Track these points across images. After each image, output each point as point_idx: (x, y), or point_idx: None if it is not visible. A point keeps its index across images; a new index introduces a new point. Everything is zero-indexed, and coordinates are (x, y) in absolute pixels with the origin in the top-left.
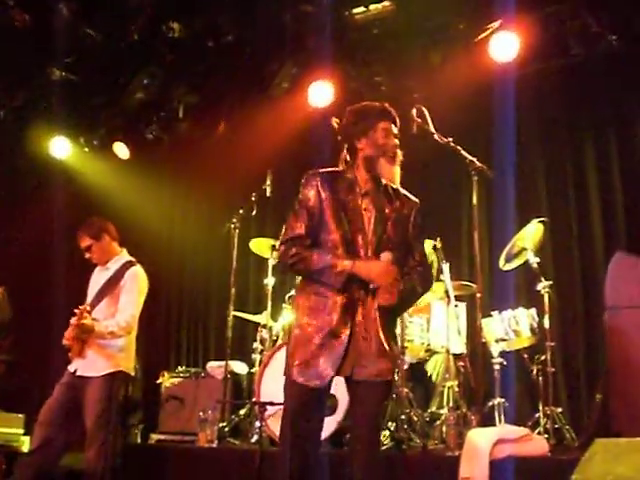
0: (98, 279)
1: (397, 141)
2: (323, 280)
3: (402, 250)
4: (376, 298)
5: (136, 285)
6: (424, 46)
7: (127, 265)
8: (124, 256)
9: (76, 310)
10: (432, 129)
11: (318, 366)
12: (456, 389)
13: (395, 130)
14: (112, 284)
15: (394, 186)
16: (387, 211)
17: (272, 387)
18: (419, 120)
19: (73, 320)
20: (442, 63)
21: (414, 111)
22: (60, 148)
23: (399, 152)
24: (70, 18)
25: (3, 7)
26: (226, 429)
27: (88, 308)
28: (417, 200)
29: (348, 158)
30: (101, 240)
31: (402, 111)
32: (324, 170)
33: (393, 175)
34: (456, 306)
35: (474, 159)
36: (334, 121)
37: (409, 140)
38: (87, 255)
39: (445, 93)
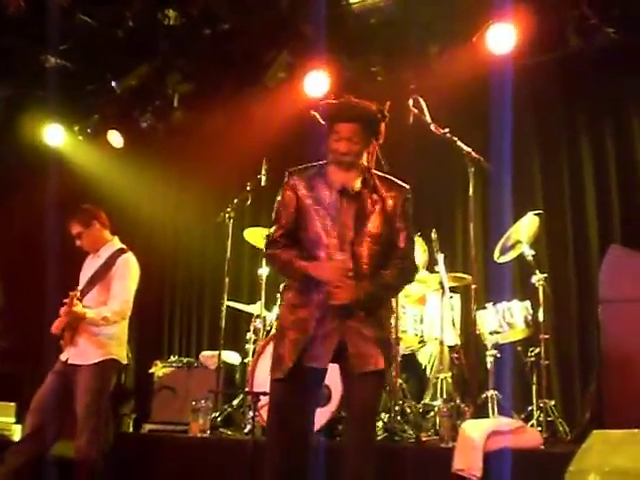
0: (89, 267)
1: (354, 145)
2: (289, 277)
3: (385, 244)
4: (332, 298)
5: (128, 272)
6: (421, 37)
7: (118, 253)
8: (115, 244)
9: (66, 299)
10: (429, 120)
11: (284, 360)
12: (450, 381)
13: (350, 133)
14: (103, 272)
15: (381, 174)
16: (368, 205)
17: (265, 377)
18: (415, 111)
19: (63, 309)
20: (439, 54)
21: (411, 102)
22: (54, 136)
23: (352, 158)
24: (65, 4)
25: None
26: (219, 419)
27: (78, 295)
28: (407, 187)
29: None
30: (91, 227)
31: (398, 101)
32: (303, 167)
33: (343, 182)
34: (451, 297)
35: (470, 150)
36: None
37: (406, 131)
38: (78, 242)
39: (442, 84)
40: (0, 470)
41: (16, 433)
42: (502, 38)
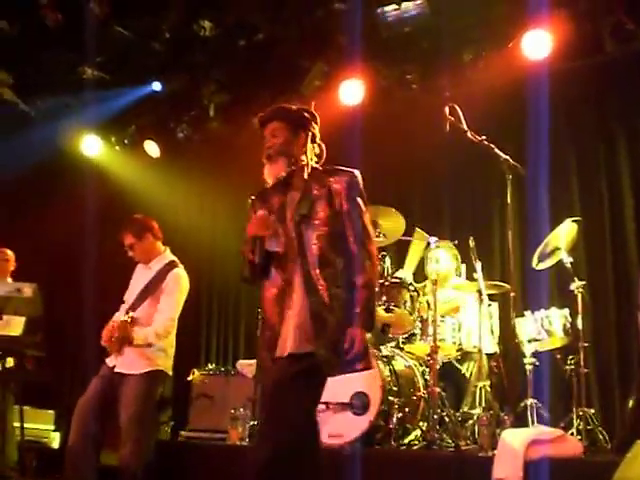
0: (140, 277)
1: (275, 139)
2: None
3: (334, 227)
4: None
5: (177, 287)
6: (456, 44)
7: (169, 266)
8: (167, 256)
9: (121, 317)
10: (465, 127)
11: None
12: (489, 389)
13: (271, 130)
14: (154, 285)
15: (328, 167)
16: (312, 193)
17: None
18: (452, 118)
19: (110, 333)
20: (474, 61)
21: (446, 109)
22: (91, 146)
23: (276, 149)
24: (101, 16)
25: (35, 6)
26: (256, 428)
27: (128, 320)
28: (352, 171)
29: None
30: (144, 239)
31: (434, 109)
32: (263, 189)
33: (274, 174)
34: (489, 305)
35: (507, 157)
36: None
37: (442, 139)
38: (130, 254)
39: (477, 91)
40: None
41: (55, 441)
42: (537, 44)
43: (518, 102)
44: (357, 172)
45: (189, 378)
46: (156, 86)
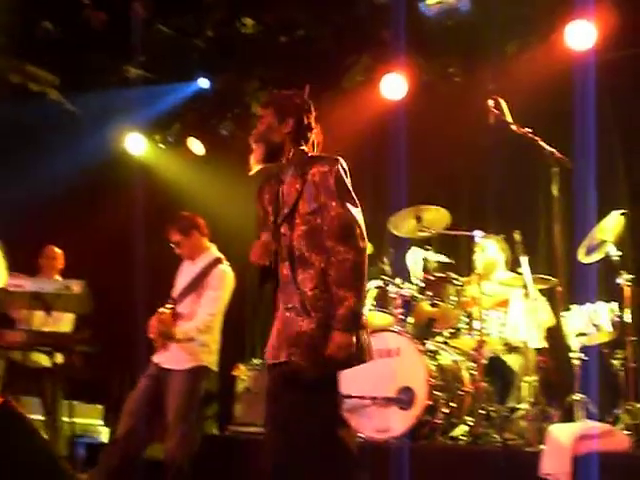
0: (185, 273)
1: (259, 126)
2: None
3: (314, 232)
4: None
5: (221, 284)
6: (499, 36)
7: (214, 263)
8: (213, 253)
9: (161, 310)
10: (509, 120)
11: None
12: (536, 384)
13: (259, 117)
14: (198, 281)
15: (315, 155)
16: (297, 187)
17: (350, 380)
18: (496, 111)
19: (155, 320)
20: (517, 53)
21: (491, 102)
22: (136, 145)
23: (256, 135)
24: (145, 16)
25: (79, 6)
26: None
27: (168, 312)
28: (336, 158)
29: None
30: (190, 236)
31: (477, 102)
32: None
33: (250, 163)
34: (535, 299)
35: (553, 150)
36: None
37: (486, 132)
38: (177, 250)
39: (521, 83)
40: (95, 470)
41: (104, 435)
42: (581, 35)
43: (563, 94)
44: (339, 159)
45: (234, 373)
46: (203, 83)
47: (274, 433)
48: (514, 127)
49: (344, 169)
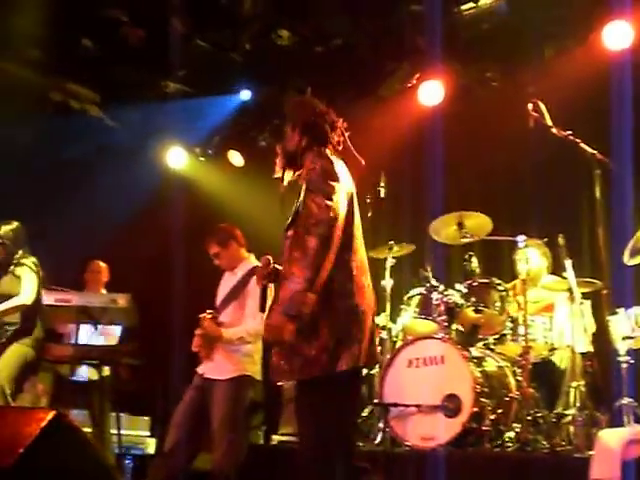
0: (226, 284)
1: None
2: None
3: (298, 238)
4: None
5: None
6: (536, 39)
7: (254, 271)
8: (252, 262)
9: (202, 315)
10: (549, 123)
11: None
12: (583, 389)
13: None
14: (239, 289)
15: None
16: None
17: (395, 388)
18: (536, 115)
19: (198, 330)
20: (555, 55)
21: (530, 106)
22: (177, 158)
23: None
24: (183, 31)
25: (117, 24)
26: None
27: (209, 316)
28: (313, 159)
29: None
30: (228, 247)
31: (516, 106)
32: None
33: None
34: (581, 303)
35: (595, 151)
36: None
37: (526, 135)
38: (216, 262)
39: (560, 86)
40: None
41: (151, 446)
42: (619, 35)
43: (601, 95)
44: (322, 151)
45: (279, 382)
46: (245, 95)
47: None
48: (554, 130)
49: (328, 160)
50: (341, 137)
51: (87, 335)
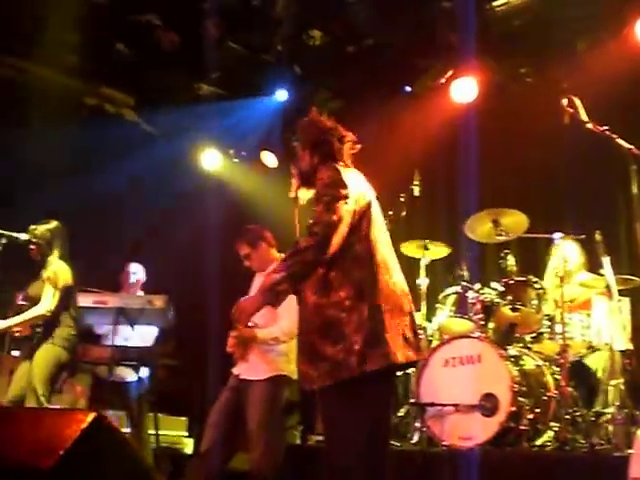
0: (257, 285)
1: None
2: None
3: None
4: None
5: None
6: (568, 34)
7: None
8: None
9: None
10: (585, 119)
11: None
12: (622, 387)
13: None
14: None
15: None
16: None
17: (431, 388)
18: (571, 110)
19: (232, 332)
20: (588, 50)
21: (565, 101)
22: (211, 160)
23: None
24: (216, 35)
25: (150, 28)
26: None
27: None
28: (328, 165)
29: None
30: (258, 248)
31: (550, 102)
32: None
33: None
34: (619, 301)
35: (631, 147)
36: None
37: (561, 131)
38: (247, 263)
39: (594, 80)
40: None
41: (188, 446)
42: None
43: (638, 89)
44: (331, 164)
45: (308, 388)
46: (279, 96)
47: None
48: (590, 126)
49: (336, 170)
50: (352, 149)
51: (124, 336)
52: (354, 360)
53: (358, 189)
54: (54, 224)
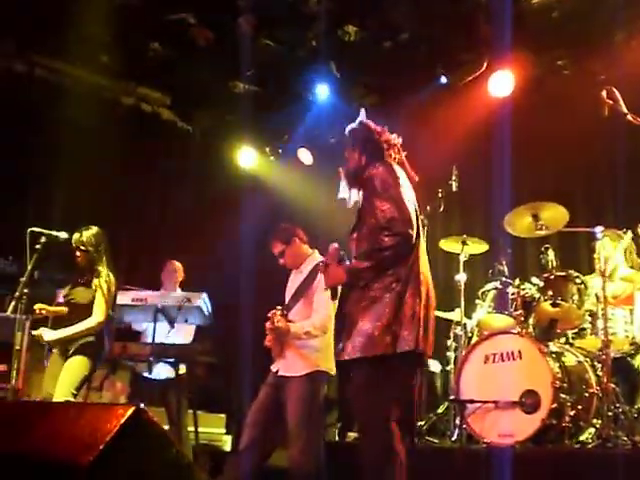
0: (293, 282)
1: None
2: None
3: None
4: None
5: None
6: (606, 25)
7: (319, 266)
8: (316, 257)
9: (269, 314)
10: (625, 110)
11: None
12: None
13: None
14: (306, 286)
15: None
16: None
17: (471, 384)
18: (610, 102)
19: (268, 324)
20: (626, 41)
21: (604, 93)
22: (247, 158)
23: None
24: (250, 31)
25: (185, 26)
26: (424, 427)
27: (279, 313)
28: (378, 163)
29: None
30: (292, 245)
31: (588, 94)
32: None
33: None
34: None
35: None
36: None
37: (600, 123)
38: (281, 261)
39: (633, 71)
40: None
41: (227, 443)
42: None
43: None
44: (383, 162)
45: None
46: (316, 93)
47: None
48: (630, 117)
49: (388, 169)
50: (398, 154)
51: (163, 334)
52: (388, 339)
53: (407, 187)
54: (96, 230)
